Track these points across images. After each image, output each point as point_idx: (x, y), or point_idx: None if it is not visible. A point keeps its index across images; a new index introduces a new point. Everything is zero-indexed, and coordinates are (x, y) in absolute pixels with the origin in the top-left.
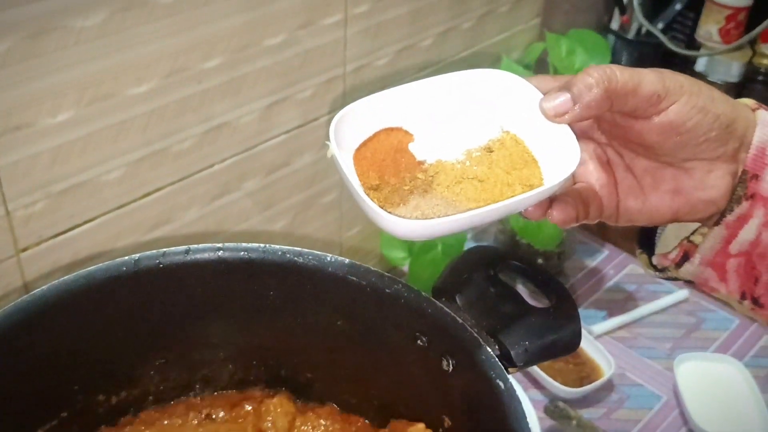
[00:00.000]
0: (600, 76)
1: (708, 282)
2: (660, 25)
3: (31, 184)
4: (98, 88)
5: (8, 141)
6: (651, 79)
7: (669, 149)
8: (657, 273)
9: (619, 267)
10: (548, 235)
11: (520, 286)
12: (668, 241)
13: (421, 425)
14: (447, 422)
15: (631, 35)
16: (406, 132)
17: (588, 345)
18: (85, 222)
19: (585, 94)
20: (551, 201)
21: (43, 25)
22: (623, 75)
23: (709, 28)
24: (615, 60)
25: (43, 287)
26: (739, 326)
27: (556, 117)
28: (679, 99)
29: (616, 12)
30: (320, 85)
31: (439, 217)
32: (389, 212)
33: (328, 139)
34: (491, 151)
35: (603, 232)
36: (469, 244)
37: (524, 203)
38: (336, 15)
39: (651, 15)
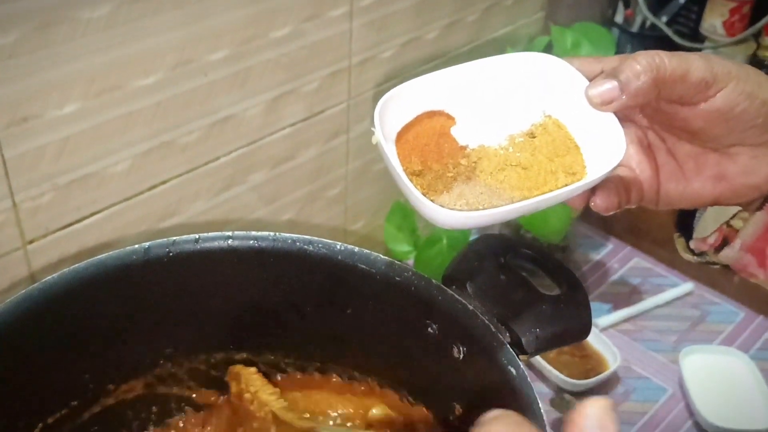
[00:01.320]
0: (648, 64)
1: (747, 267)
2: (664, 18)
3: (38, 176)
4: (105, 79)
5: (15, 132)
6: (699, 65)
7: (714, 135)
8: (695, 257)
9: (624, 260)
10: (553, 228)
11: (523, 275)
12: (706, 225)
13: (252, 369)
14: (458, 410)
15: (635, 28)
16: (449, 116)
17: (593, 338)
18: (92, 214)
19: (633, 81)
20: (593, 188)
21: (51, 16)
22: (671, 62)
23: (713, 21)
24: (619, 53)
25: (54, 275)
26: (744, 319)
27: (602, 105)
28: (727, 85)
29: (620, 5)
30: (326, 78)
31: (483, 205)
32: (433, 200)
33: (373, 125)
34: (534, 137)
35: (607, 226)
36: (473, 237)
37: (569, 194)
38: (342, 7)
39: (655, 8)
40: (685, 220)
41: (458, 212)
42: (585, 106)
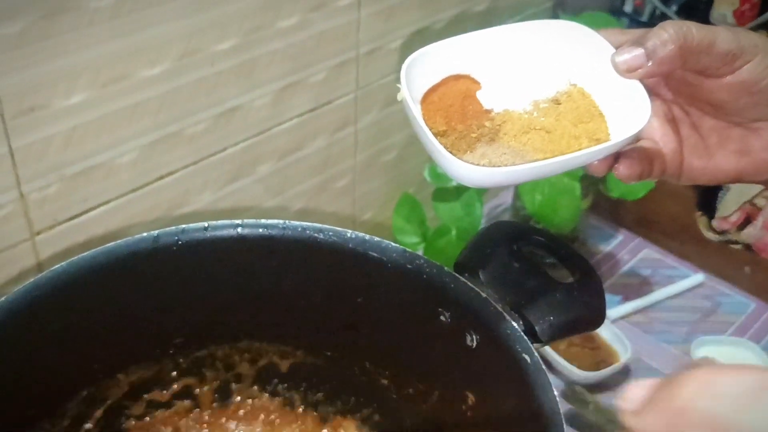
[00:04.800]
0: (675, 33)
1: None
2: (674, 8)
3: (45, 167)
4: (112, 69)
5: (22, 123)
6: (726, 37)
7: (739, 109)
8: (717, 236)
9: (634, 252)
10: (563, 219)
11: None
12: (729, 204)
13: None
14: (471, 399)
15: (644, 18)
16: (474, 80)
17: (604, 329)
18: (100, 205)
19: (659, 49)
20: (617, 156)
21: (57, 5)
22: (699, 32)
23: (723, 10)
24: None
25: (62, 263)
26: (756, 310)
27: (627, 72)
28: (754, 58)
29: None
30: (333, 68)
31: (506, 165)
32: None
33: (399, 82)
34: (558, 103)
35: (617, 217)
36: (484, 226)
37: (593, 156)
38: None
39: None
40: (708, 199)
41: (482, 168)
42: (611, 74)
